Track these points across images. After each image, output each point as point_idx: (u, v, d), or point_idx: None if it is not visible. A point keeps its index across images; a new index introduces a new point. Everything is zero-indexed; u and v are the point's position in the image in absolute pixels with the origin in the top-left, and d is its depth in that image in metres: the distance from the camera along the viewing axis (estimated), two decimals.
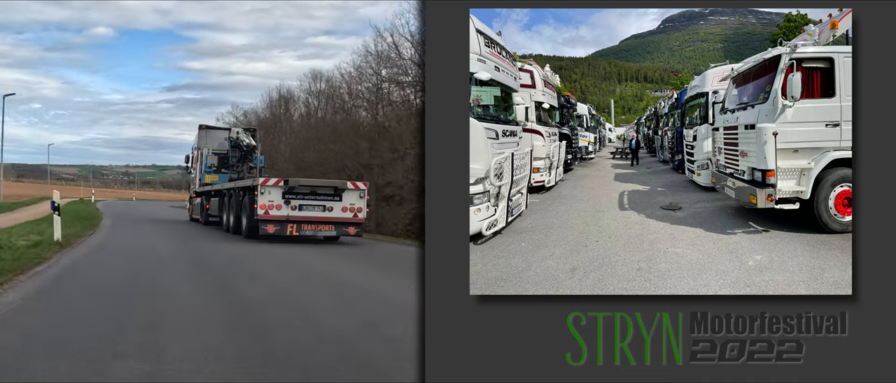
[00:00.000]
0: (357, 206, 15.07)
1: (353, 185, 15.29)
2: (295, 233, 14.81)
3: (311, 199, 14.94)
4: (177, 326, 5.89)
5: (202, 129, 22.83)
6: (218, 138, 22.23)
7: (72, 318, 6.13)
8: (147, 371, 4.33)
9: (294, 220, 14.77)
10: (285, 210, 14.70)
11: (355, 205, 15.07)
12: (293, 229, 14.79)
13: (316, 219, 14.90)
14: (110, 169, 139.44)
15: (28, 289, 7.57)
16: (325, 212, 14.94)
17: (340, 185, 15.24)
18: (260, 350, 4.99)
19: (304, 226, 14.84)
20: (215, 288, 8.39)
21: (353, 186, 15.25)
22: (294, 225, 14.79)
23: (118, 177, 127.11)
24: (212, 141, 22.26)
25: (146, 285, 8.36)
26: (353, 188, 15.19)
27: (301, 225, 14.82)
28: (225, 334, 5.56)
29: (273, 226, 14.70)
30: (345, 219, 15.02)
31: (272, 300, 7.60)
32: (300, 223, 14.81)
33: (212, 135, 22.63)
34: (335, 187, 15.13)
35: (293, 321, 6.19)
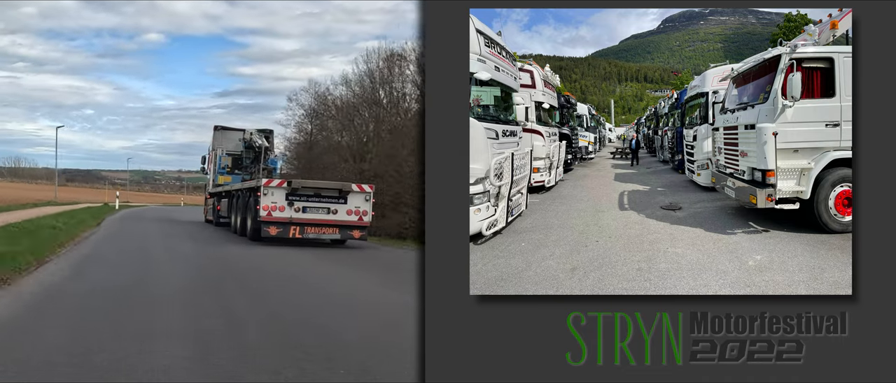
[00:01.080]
0: (362, 209, 14.91)
1: (358, 188, 15.12)
2: (298, 235, 14.66)
3: (315, 201, 14.77)
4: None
5: (217, 130, 22.86)
6: (232, 139, 22.24)
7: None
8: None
9: (297, 222, 14.61)
10: (288, 212, 14.55)
11: (361, 208, 14.89)
12: (296, 231, 14.63)
13: (320, 221, 14.71)
14: (162, 174, 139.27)
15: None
16: (330, 214, 14.74)
17: (345, 188, 15.05)
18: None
19: (308, 228, 14.66)
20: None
21: (358, 189, 15.08)
22: (297, 227, 14.62)
23: (170, 182, 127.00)
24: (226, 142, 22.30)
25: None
26: (358, 191, 15.02)
27: (304, 227, 14.65)
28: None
29: (275, 228, 14.56)
30: (349, 222, 14.84)
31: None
32: (303, 225, 14.65)
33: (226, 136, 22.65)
34: (340, 189, 14.95)
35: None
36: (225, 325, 5.87)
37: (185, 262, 11.14)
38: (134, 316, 6.21)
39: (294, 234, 14.63)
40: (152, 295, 7.58)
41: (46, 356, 4.62)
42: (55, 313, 6.30)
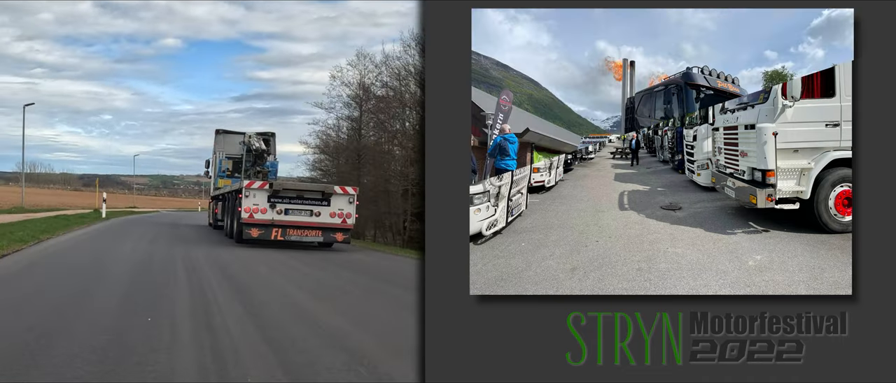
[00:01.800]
0: (346, 212, 14.74)
1: (341, 190, 14.93)
2: (280, 237, 14.47)
3: (297, 204, 14.61)
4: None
5: (219, 134, 22.92)
6: (233, 143, 22.28)
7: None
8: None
9: (279, 224, 14.44)
10: (271, 214, 14.39)
11: (344, 211, 14.72)
12: (278, 234, 14.45)
13: (303, 224, 14.56)
14: (180, 178, 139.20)
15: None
16: (313, 216, 14.57)
17: (328, 190, 14.86)
18: None
19: (290, 230, 14.52)
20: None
21: (341, 191, 14.90)
22: (279, 229, 14.45)
23: (188, 187, 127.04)
24: (228, 145, 22.34)
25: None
26: (341, 193, 14.83)
27: (286, 229, 14.50)
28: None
29: (257, 229, 14.41)
30: (333, 225, 14.67)
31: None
32: (286, 227, 14.49)
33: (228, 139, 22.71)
34: (322, 191, 14.82)
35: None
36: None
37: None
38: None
39: (276, 236, 14.47)
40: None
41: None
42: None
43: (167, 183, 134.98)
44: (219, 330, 5.88)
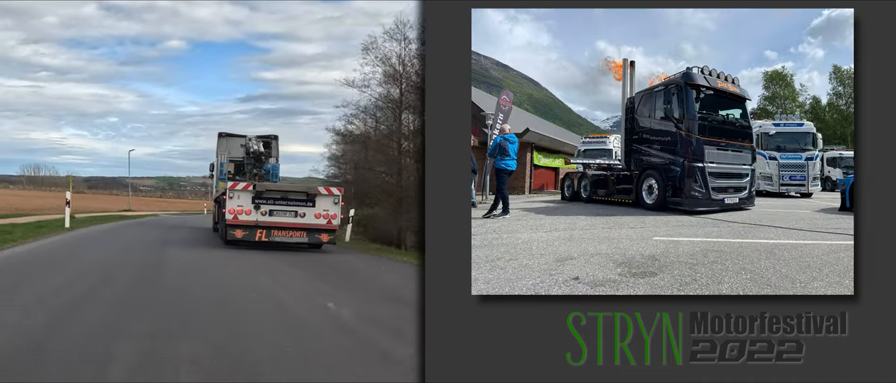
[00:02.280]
0: (331, 213, 14.78)
1: (326, 191, 14.88)
2: (264, 239, 14.51)
3: (282, 205, 14.64)
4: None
5: (222, 137, 22.98)
6: (235, 145, 22.33)
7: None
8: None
9: (263, 226, 14.50)
10: (255, 215, 14.44)
11: (329, 212, 14.76)
12: (262, 235, 14.51)
13: (287, 225, 14.58)
14: (187, 180, 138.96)
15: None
16: (298, 217, 14.59)
17: (312, 191, 14.84)
18: None
19: (275, 232, 14.53)
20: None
21: (326, 192, 14.89)
22: (263, 230, 14.53)
23: (195, 188, 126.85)
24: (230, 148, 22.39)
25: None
26: (326, 194, 14.82)
27: (271, 230, 14.55)
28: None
29: (241, 231, 14.48)
30: (318, 226, 14.66)
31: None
32: (270, 229, 14.54)
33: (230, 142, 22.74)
34: (307, 192, 14.85)
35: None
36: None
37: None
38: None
39: (260, 238, 14.54)
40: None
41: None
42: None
43: (174, 184, 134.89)
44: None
